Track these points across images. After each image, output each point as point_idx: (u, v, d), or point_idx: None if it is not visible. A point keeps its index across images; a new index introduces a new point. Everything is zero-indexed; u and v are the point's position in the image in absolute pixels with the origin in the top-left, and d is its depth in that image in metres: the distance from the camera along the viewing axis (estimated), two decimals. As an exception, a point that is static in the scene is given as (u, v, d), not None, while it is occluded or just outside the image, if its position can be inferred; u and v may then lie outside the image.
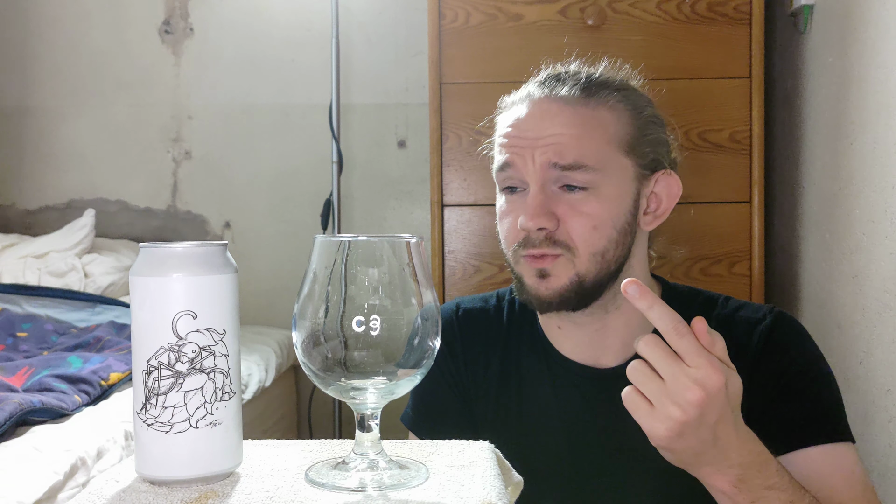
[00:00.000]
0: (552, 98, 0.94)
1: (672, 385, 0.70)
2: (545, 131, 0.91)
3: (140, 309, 0.60)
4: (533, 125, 0.93)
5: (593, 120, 0.92)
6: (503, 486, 0.62)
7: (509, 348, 1.03)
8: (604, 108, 0.93)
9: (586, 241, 0.90)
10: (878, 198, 1.44)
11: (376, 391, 0.61)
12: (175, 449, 0.59)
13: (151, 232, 2.58)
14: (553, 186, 0.91)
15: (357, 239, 0.60)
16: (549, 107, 0.93)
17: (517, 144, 0.93)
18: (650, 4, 1.79)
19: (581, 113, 0.92)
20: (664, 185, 0.97)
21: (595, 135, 0.92)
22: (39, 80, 2.61)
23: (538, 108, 0.94)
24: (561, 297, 0.91)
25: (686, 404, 0.70)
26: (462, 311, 1.07)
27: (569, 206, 0.90)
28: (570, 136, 0.91)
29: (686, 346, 0.70)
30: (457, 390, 1.04)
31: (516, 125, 0.94)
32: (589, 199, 0.90)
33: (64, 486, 1.10)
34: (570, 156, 0.90)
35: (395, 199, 2.54)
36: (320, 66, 2.48)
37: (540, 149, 0.91)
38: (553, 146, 0.90)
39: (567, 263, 0.90)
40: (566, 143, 0.90)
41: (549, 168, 0.90)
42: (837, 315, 1.63)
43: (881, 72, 1.44)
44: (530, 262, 0.92)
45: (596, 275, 0.91)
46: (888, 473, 1.41)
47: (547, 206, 0.90)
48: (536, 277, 0.91)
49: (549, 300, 0.91)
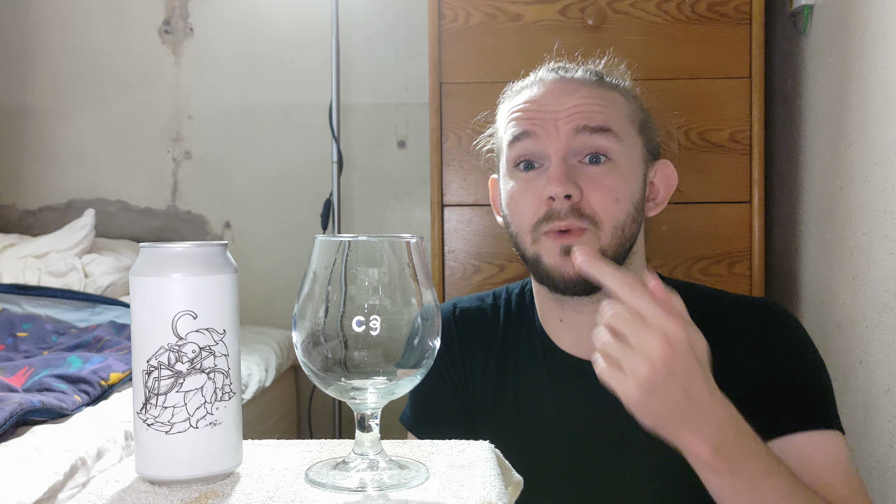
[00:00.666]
0: (567, 79, 0.96)
1: (635, 340, 0.69)
2: (567, 103, 0.92)
3: (140, 309, 0.60)
4: (553, 99, 0.93)
5: (609, 97, 0.95)
6: (503, 486, 0.62)
7: (507, 347, 1.03)
8: (615, 91, 0.96)
9: (609, 213, 0.90)
10: (878, 198, 1.44)
11: (376, 391, 0.61)
12: (175, 449, 0.59)
13: (151, 232, 2.58)
14: (573, 160, 0.91)
15: (357, 239, 0.60)
16: (566, 84, 0.95)
17: (537, 116, 0.93)
18: (650, 4, 1.79)
19: (598, 90, 0.94)
20: (662, 174, 0.99)
21: (614, 108, 0.94)
22: (39, 80, 2.61)
23: (556, 85, 0.95)
24: None
25: (652, 357, 0.69)
26: (459, 311, 1.07)
27: (590, 178, 0.90)
28: (593, 104, 0.92)
29: (642, 301, 0.70)
30: (455, 390, 1.04)
31: (534, 100, 0.94)
32: (610, 173, 0.91)
33: (64, 486, 1.10)
34: (598, 119, 0.91)
35: (395, 199, 2.54)
36: (320, 66, 2.48)
37: (564, 118, 0.91)
38: (579, 113, 0.91)
39: (592, 238, 0.89)
40: (591, 109, 0.92)
41: (575, 134, 0.90)
42: (837, 315, 1.63)
43: (881, 72, 1.44)
44: (555, 239, 0.90)
45: (616, 249, 0.91)
46: (888, 473, 1.41)
47: (571, 175, 0.90)
48: (560, 255, 0.89)
49: (575, 279, 0.89)
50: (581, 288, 0.90)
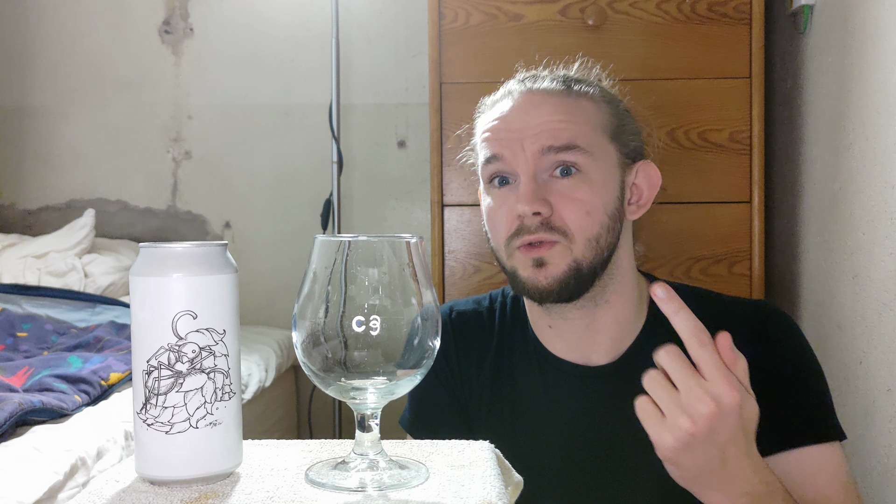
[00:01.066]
0: (535, 91, 0.95)
1: (686, 395, 0.68)
2: (533, 120, 0.92)
3: (140, 309, 0.60)
4: (520, 116, 0.93)
5: (577, 108, 0.94)
6: (503, 486, 0.62)
7: (502, 350, 1.03)
8: (585, 99, 0.95)
9: (581, 226, 0.90)
10: (878, 198, 1.44)
11: (376, 391, 0.61)
12: (175, 449, 0.59)
13: (151, 232, 2.58)
14: (543, 175, 0.92)
15: (357, 239, 0.60)
16: (532, 98, 0.94)
17: (504, 137, 0.93)
18: (650, 4, 1.79)
19: (565, 102, 0.94)
20: (644, 175, 0.98)
21: (581, 120, 0.93)
22: (39, 80, 2.61)
23: (522, 100, 0.95)
24: (560, 285, 0.91)
25: (697, 416, 0.68)
26: (455, 313, 1.07)
27: (561, 193, 0.91)
28: (559, 120, 0.92)
29: (706, 358, 0.69)
30: (452, 393, 1.04)
31: (502, 118, 0.95)
32: (580, 185, 0.91)
33: (64, 486, 1.10)
34: (563, 137, 0.91)
35: (395, 199, 2.54)
36: (320, 66, 2.48)
37: (530, 138, 0.91)
38: (545, 132, 0.91)
39: (564, 251, 0.90)
40: (557, 127, 0.91)
41: (542, 154, 0.91)
42: (837, 315, 1.63)
43: (881, 72, 1.44)
44: (526, 252, 0.91)
45: (591, 261, 0.91)
46: (888, 473, 1.41)
47: (540, 192, 0.90)
48: (533, 268, 0.91)
49: (548, 289, 0.91)
50: (556, 297, 0.92)
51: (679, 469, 0.73)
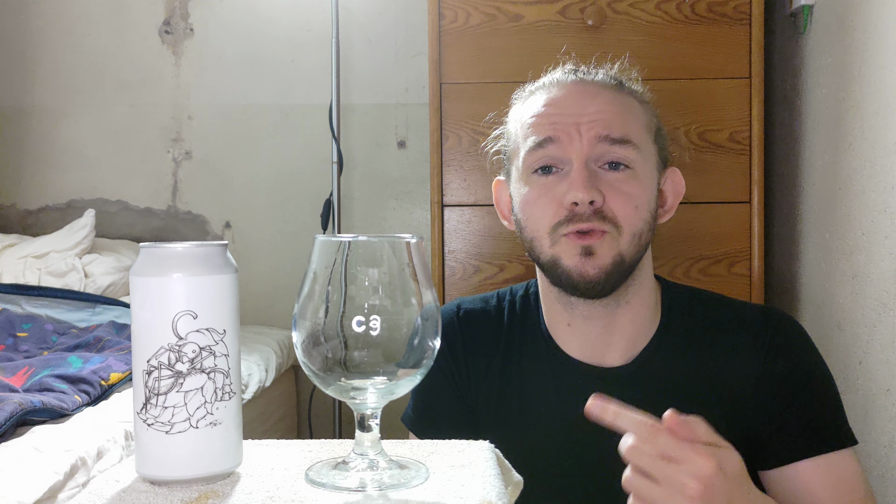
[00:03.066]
0: (587, 81, 0.95)
1: (669, 487, 0.67)
2: (588, 108, 0.92)
3: (140, 309, 0.60)
4: (574, 102, 0.93)
5: (629, 104, 0.95)
6: (503, 485, 0.62)
7: (511, 348, 1.02)
8: (633, 98, 0.96)
9: (629, 219, 0.90)
10: (878, 198, 1.44)
11: (376, 391, 0.61)
12: (175, 449, 0.59)
13: (151, 232, 2.58)
14: (594, 165, 0.91)
15: (357, 239, 0.60)
16: (586, 88, 0.94)
17: (559, 121, 0.92)
18: (650, 5, 1.79)
19: (618, 97, 0.94)
20: (671, 183, 0.99)
21: (633, 117, 0.94)
22: (39, 80, 2.61)
23: (576, 88, 0.94)
24: (607, 276, 0.90)
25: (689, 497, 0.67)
26: (463, 311, 1.06)
27: (611, 184, 0.90)
28: (614, 112, 0.92)
29: (665, 445, 0.68)
30: (457, 391, 1.03)
31: (553, 103, 0.94)
32: (630, 180, 0.91)
33: (64, 486, 1.10)
34: (618, 130, 0.91)
35: (395, 199, 2.54)
36: (320, 67, 2.48)
37: (586, 124, 0.91)
38: (601, 121, 0.91)
39: (612, 242, 0.90)
40: (612, 119, 0.91)
41: (597, 142, 0.90)
42: (837, 315, 1.63)
43: (881, 72, 1.44)
44: (576, 240, 0.90)
45: (633, 255, 0.91)
46: (888, 473, 1.41)
47: (593, 181, 0.90)
48: (580, 256, 0.89)
49: (595, 279, 0.90)
50: (600, 290, 0.91)
51: None
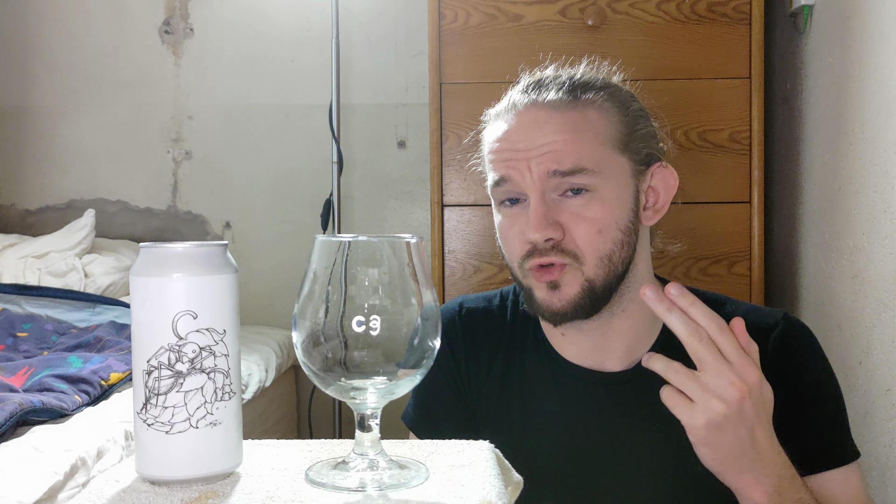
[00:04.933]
0: (539, 104, 0.92)
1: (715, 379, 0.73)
2: (537, 140, 0.90)
3: (140, 309, 0.60)
4: (524, 135, 0.91)
5: (583, 122, 0.91)
6: (503, 485, 0.62)
7: (513, 349, 1.02)
8: (591, 108, 0.92)
9: (593, 246, 0.89)
10: (878, 198, 1.44)
11: (376, 391, 0.61)
12: (175, 449, 0.59)
13: (151, 232, 2.58)
14: (553, 194, 0.90)
15: (357, 239, 0.60)
16: (536, 115, 0.91)
17: (511, 158, 0.91)
18: (650, 5, 1.79)
19: (570, 117, 0.90)
20: (660, 178, 0.96)
21: (588, 137, 0.90)
22: (39, 80, 2.61)
23: (526, 117, 0.92)
24: (575, 307, 0.90)
25: (728, 397, 0.73)
26: (465, 310, 1.05)
27: (571, 213, 0.89)
28: (563, 141, 0.89)
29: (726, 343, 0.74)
30: (458, 391, 1.03)
31: (506, 138, 0.92)
32: (591, 204, 0.89)
33: (64, 486, 1.10)
34: (568, 161, 0.88)
35: (395, 199, 2.54)
36: (320, 67, 2.48)
37: (535, 159, 0.89)
38: (549, 154, 0.89)
39: (575, 272, 0.89)
40: (561, 148, 0.89)
41: (548, 177, 0.89)
42: (837, 315, 1.63)
43: (881, 72, 1.44)
44: (538, 275, 0.90)
45: (605, 279, 0.90)
46: (888, 473, 1.41)
47: (550, 215, 0.89)
48: (547, 290, 0.90)
49: (563, 311, 0.90)
50: (571, 318, 0.91)
51: (712, 450, 0.76)
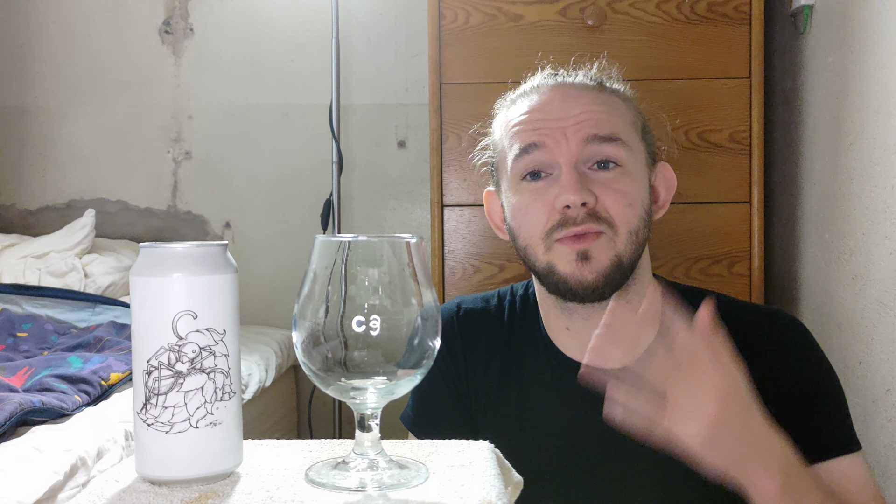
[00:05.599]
0: (568, 84, 0.95)
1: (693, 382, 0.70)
2: (573, 110, 0.91)
3: (140, 309, 0.60)
4: (558, 106, 0.92)
5: (612, 102, 0.94)
6: (503, 485, 0.62)
7: (511, 348, 1.02)
8: (616, 96, 0.96)
9: (624, 217, 0.89)
10: (878, 198, 1.44)
11: (376, 391, 0.61)
12: (175, 449, 0.59)
13: (151, 232, 2.58)
14: (583, 167, 0.90)
15: (357, 239, 0.60)
16: (568, 90, 0.94)
17: (544, 126, 0.91)
18: (650, 5, 1.79)
19: (601, 96, 0.93)
20: (662, 177, 0.99)
21: (618, 114, 0.93)
22: (39, 80, 2.61)
23: (558, 91, 0.94)
24: (605, 279, 0.89)
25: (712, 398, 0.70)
26: (463, 311, 1.05)
27: (603, 184, 0.89)
28: (600, 111, 0.91)
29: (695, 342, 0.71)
30: (456, 391, 1.03)
31: (536, 109, 0.93)
32: (621, 178, 0.90)
33: (64, 486, 1.10)
34: (606, 128, 0.90)
35: (395, 199, 2.54)
36: (320, 67, 2.48)
37: (573, 126, 0.90)
38: (588, 121, 0.90)
39: (608, 243, 0.89)
40: (599, 117, 0.90)
41: (585, 143, 0.89)
42: (837, 315, 1.63)
43: (881, 72, 1.44)
44: (571, 244, 0.89)
45: (631, 255, 0.90)
46: (888, 473, 1.41)
47: (584, 182, 0.89)
48: (576, 261, 0.88)
49: (593, 284, 0.89)
50: (600, 294, 0.90)
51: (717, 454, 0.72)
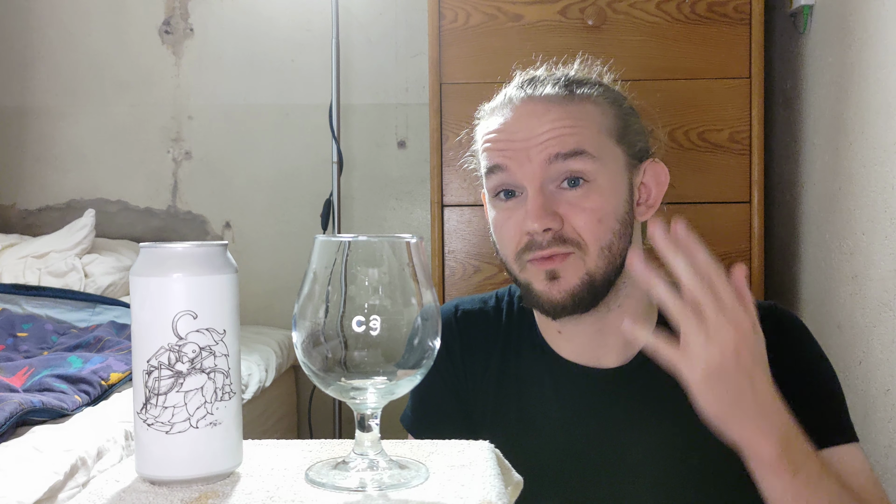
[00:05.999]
0: (536, 98, 0.92)
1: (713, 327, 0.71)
2: (536, 129, 0.90)
3: (140, 309, 0.60)
4: (522, 126, 0.91)
5: (581, 113, 0.91)
6: (503, 485, 0.62)
7: (508, 349, 1.02)
8: (588, 102, 0.92)
9: (594, 234, 0.88)
10: (878, 198, 1.44)
11: (376, 391, 0.61)
12: (175, 449, 0.59)
13: (151, 232, 2.58)
14: (551, 186, 0.89)
15: (357, 239, 0.60)
16: (534, 107, 0.91)
17: (508, 148, 0.91)
18: (650, 5, 1.79)
19: (568, 109, 0.91)
20: (652, 174, 0.96)
21: (586, 124, 0.90)
22: (39, 80, 2.61)
23: (524, 109, 0.92)
24: (574, 299, 0.89)
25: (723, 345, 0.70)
26: (461, 312, 1.05)
27: (570, 203, 0.89)
28: (563, 127, 0.89)
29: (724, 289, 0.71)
30: (455, 393, 1.03)
31: (503, 128, 0.92)
32: (589, 194, 0.89)
33: (64, 486, 1.10)
34: (570, 143, 0.88)
35: (395, 199, 2.54)
36: (320, 67, 2.49)
37: (535, 147, 0.89)
38: (551, 139, 0.89)
39: (577, 262, 0.88)
40: (562, 133, 0.89)
41: (548, 163, 0.88)
42: (837, 315, 1.63)
43: (881, 72, 1.44)
44: (539, 265, 0.89)
45: (605, 270, 0.89)
46: (888, 473, 1.41)
47: (549, 205, 0.88)
48: (546, 281, 0.89)
49: (562, 303, 0.89)
50: (570, 311, 0.90)
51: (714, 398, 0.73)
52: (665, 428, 0.93)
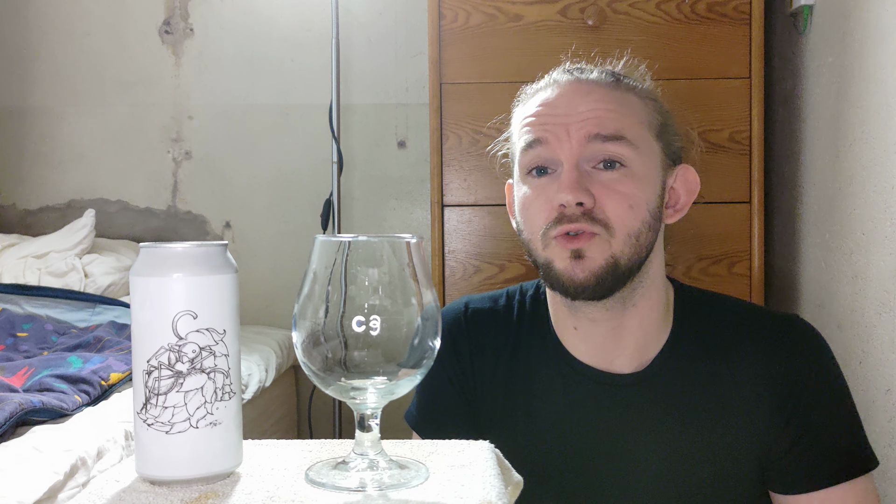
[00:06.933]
0: (582, 80, 0.93)
1: None
2: (580, 107, 0.90)
3: (140, 309, 0.60)
4: (566, 102, 0.91)
5: (625, 101, 0.92)
6: (503, 485, 0.62)
7: (519, 349, 1.01)
8: (632, 93, 0.93)
9: (623, 220, 0.87)
10: (878, 198, 1.44)
11: (376, 391, 0.61)
12: (175, 449, 0.59)
13: (151, 232, 2.58)
14: (586, 166, 0.89)
15: (357, 239, 0.60)
16: (580, 87, 0.92)
17: (549, 122, 0.91)
18: (650, 5, 1.79)
19: (612, 94, 0.91)
20: (683, 180, 0.97)
21: (629, 113, 0.91)
22: (39, 80, 2.61)
23: (569, 88, 0.92)
24: (597, 280, 0.87)
25: None
26: (471, 310, 1.04)
27: (604, 185, 0.88)
28: (607, 109, 0.90)
29: None
30: (462, 392, 1.02)
31: (546, 104, 0.92)
32: (624, 179, 0.88)
33: (64, 486, 1.10)
34: (610, 126, 0.88)
35: (395, 199, 2.54)
36: (320, 67, 2.49)
37: (576, 124, 0.89)
38: (592, 119, 0.89)
39: (603, 244, 0.87)
40: (604, 116, 0.89)
41: (587, 142, 0.88)
42: (837, 315, 1.63)
43: (881, 72, 1.44)
44: (564, 243, 0.88)
45: (630, 258, 0.88)
46: (888, 473, 1.41)
47: (583, 182, 0.88)
48: (570, 259, 0.88)
49: (584, 283, 0.87)
50: (591, 293, 0.89)
51: None
52: (675, 439, 0.92)
